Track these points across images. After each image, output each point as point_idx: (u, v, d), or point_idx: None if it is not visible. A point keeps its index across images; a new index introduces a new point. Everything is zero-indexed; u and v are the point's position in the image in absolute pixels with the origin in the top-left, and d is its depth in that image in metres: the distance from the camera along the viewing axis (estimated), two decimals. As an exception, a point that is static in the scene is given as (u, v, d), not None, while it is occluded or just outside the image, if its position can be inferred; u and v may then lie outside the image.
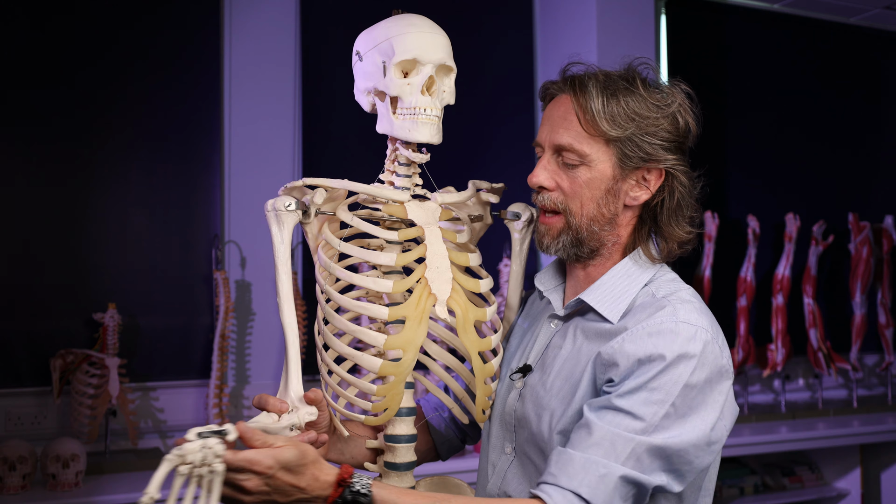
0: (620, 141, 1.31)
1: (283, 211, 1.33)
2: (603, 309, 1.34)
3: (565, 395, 1.31)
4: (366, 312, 1.33)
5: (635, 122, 1.30)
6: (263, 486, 1.15)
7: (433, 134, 1.35)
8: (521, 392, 1.39)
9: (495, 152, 3.42)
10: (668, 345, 1.24)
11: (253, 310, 2.99)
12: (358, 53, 1.41)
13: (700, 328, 1.26)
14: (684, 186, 1.35)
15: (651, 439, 1.21)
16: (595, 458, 1.20)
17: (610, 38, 3.26)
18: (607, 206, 1.34)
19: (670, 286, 1.36)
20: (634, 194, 1.35)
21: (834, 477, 3.75)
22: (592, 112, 1.30)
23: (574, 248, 1.37)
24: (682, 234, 1.37)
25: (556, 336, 1.41)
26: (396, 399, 1.34)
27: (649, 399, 1.21)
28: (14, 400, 2.69)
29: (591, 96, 1.31)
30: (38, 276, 2.80)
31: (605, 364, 1.27)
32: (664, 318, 1.26)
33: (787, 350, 3.58)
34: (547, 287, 1.47)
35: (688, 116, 1.36)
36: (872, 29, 4.20)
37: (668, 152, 1.33)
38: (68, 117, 2.84)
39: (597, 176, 1.33)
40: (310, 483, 1.17)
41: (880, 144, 4.29)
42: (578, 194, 1.34)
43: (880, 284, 3.85)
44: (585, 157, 1.32)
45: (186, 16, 3.01)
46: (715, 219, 3.53)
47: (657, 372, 1.22)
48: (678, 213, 1.36)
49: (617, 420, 1.21)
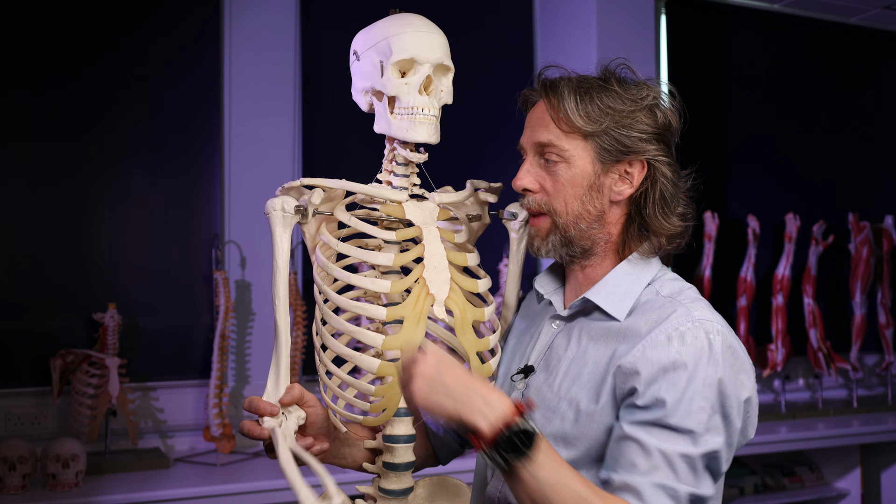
0: (597, 135, 1.31)
1: (291, 214, 1.33)
2: (609, 307, 1.34)
3: (574, 397, 1.30)
4: (364, 313, 1.33)
5: (610, 116, 1.31)
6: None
7: (431, 134, 1.36)
8: (524, 394, 1.38)
9: (494, 152, 3.42)
10: (690, 347, 1.24)
11: (253, 310, 2.99)
12: (355, 53, 1.41)
13: (716, 322, 1.27)
14: (667, 178, 1.34)
15: (703, 448, 1.21)
16: (661, 481, 1.20)
17: (610, 38, 3.26)
18: (592, 203, 1.34)
19: (674, 285, 1.36)
20: (618, 188, 1.34)
21: (834, 477, 3.75)
22: (566, 110, 1.31)
23: (564, 247, 1.36)
24: (670, 227, 1.36)
25: (559, 337, 1.40)
26: (395, 399, 1.34)
27: (690, 409, 1.21)
28: (14, 400, 2.70)
29: (562, 96, 1.32)
30: (38, 276, 2.80)
31: (626, 373, 1.25)
32: (681, 320, 1.26)
33: (787, 350, 3.58)
34: (547, 290, 1.47)
35: (666, 110, 1.35)
36: (872, 29, 4.20)
37: (648, 143, 1.33)
38: (68, 117, 2.85)
39: (577, 173, 1.33)
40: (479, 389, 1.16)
41: (880, 144, 4.29)
42: (561, 193, 1.34)
43: (880, 284, 3.85)
44: (565, 152, 1.32)
45: (186, 16, 3.01)
46: (715, 219, 3.53)
47: (688, 378, 1.22)
48: (664, 205, 1.35)
49: (666, 436, 1.21)
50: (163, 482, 2.49)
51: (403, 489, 1.40)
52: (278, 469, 2.74)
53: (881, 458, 3.65)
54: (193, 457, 2.76)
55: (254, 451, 2.82)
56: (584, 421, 1.29)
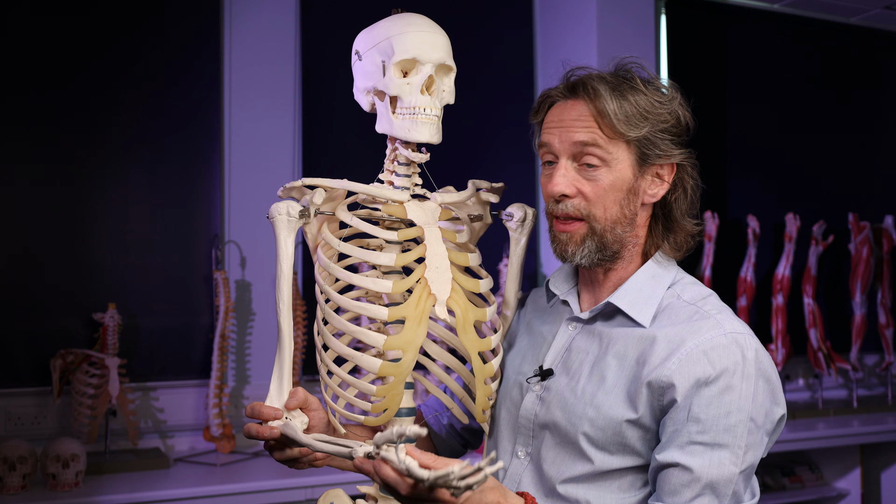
0: (639, 141, 1.31)
1: (296, 219, 1.33)
2: (634, 312, 1.33)
3: (601, 402, 1.30)
4: (365, 313, 1.33)
5: (648, 121, 1.31)
6: None
7: (433, 133, 1.35)
8: (542, 396, 1.37)
9: (495, 152, 3.42)
10: (725, 361, 1.24)
11: (253, 310, 2.99)
12: (357, 53, 1.41)
13: (746, 334, 1.28)
14: (693, 178, 1.37)
15: (743, 465, 1.22)
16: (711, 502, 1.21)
17: (610, 38, 3.26)
18: (628, 207, 1.33)
19: (694, 290, 1.36)
20: (652, 191, 1.35)
21: (834, 477, 3.75)
22: (609, 114, 1.29)
23: (598, 252, 1.34)
24: (691, 227, 1.39)
25: (578, 339, 1.39)
26: (396, 399, 1.34)
27: (728, 424, 1.22)
28: (14, 400, 2.69)
29: (604, 99, 1.29)
30: (38, 276, 2.80)
31: (663, 387, 1.25)
32: (714, 333, 1.26)
33: (787, 350, 3.58)
34: (562, 290, 1.46)
35: (686, 112, 1.37)
36: (872, 29, 4.20)
37: (677, 147, 1.34)
38: (68, 117, 2.85)
39: (619, 177, 1.32)
40: None
41: (880, 144, 4.29)
42: (601, 198, 1.32)
43: (880, 284, 3.85)
44: (609, 156, 1.31)
45: (186, 16, 3.01)
46: (715, 219, 3.53)
47: (722, 391, 1.23)
48: (689, 206, 1.38)
49: (708, 456, 1.21)
50: (163, 482, 2.49)
51: (405, 489, 1.39)
52: (278, 469, 2.75)
53: (881, 458, 3.65)
54: (193, 457, 2.76)
55: (254, 451, 2.81)
56: (615, 427, 1.28)
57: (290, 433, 1.28)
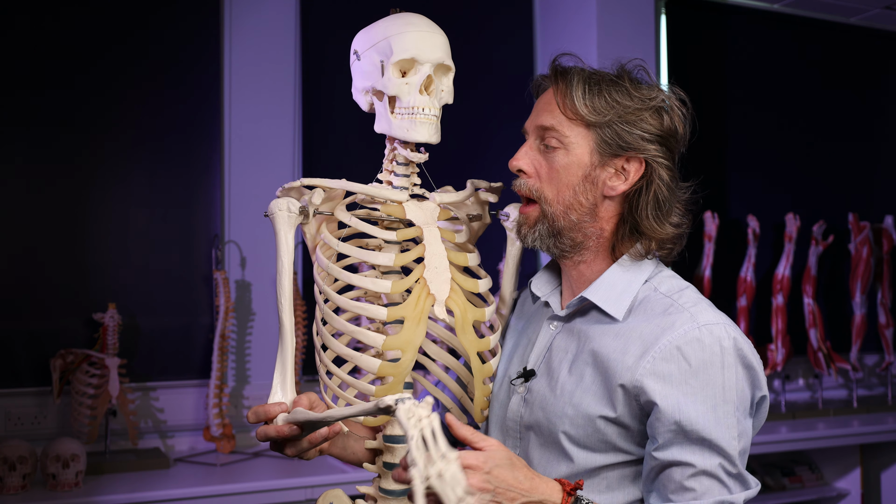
0: (599, 126, 1.31)
1: (296, 214, 1.33)
2: (607, 306, 1.33)
3: (579, 401, 1.30)
4: (364, 313, 1.33)
5: (615, 110, 1.31)
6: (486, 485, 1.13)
7: (431, 133, 1.35)
8: (526, 398, 1.38)
9: (494, 152, 3.42)
10: (702, 354, 1.24)
11: (253, 310, 2.99)
12: (356, 52, 1.41)
13: (722, 324, 1.27)
14: (664, 181, 1.33)
15: (736, 452, 1.23)
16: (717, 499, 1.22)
17: (610, 38, 3.26)
18: (584, 195, 1.33)
19: (671, 282, 1.36)
20: (612, 183, 1.34)
21: (834, 477, 3.75)
22: (572, 97, 1.32)
23: (552, 238, 1.36)
24: (661, 232, 1.34)
25: (558, 339, 1.39)
26: (395, 399, 1.34)
27: (717, 416, 1.22)
28: (14, 400, 2.69)
29: (571, 84, 1.32)
30: (38, 276, 2.80)
31: (639, 386, 1.25)
32: (688, 327, 1.26)
33: (787, 350, 3.58)
34: (543, 291, 1.47)
35: (674, 116, 1.34)
36: (872, 29, 4.20)
37: (649, 143, 1.32)
38: (69, 118, 2.85)
39: (574, 161, 1.33)
40: (533, 484, 1.17)
41: (880, 144, 4.29)
42: (555, 180, 1.34)
43: (880, 284, 3.85)
44: (565, 138, 1.32)
45: (186, 16, 3.01)
46: (715, 219, 3.53)
47: (704, 386, 1.23)
48: (657, 207, 1.33)
49: (702, 450, 1.22)
50: (163, 482, 2.49)
51: (404, 489, 1.39)
52: (278, 469, 2.75)
53: (881, 458, 3.65)
54: (193, 457, 2.76)
55: (254, 452, 2.82)
56: (592, 424, 1.28)
57: (303, 416, 1.26)
